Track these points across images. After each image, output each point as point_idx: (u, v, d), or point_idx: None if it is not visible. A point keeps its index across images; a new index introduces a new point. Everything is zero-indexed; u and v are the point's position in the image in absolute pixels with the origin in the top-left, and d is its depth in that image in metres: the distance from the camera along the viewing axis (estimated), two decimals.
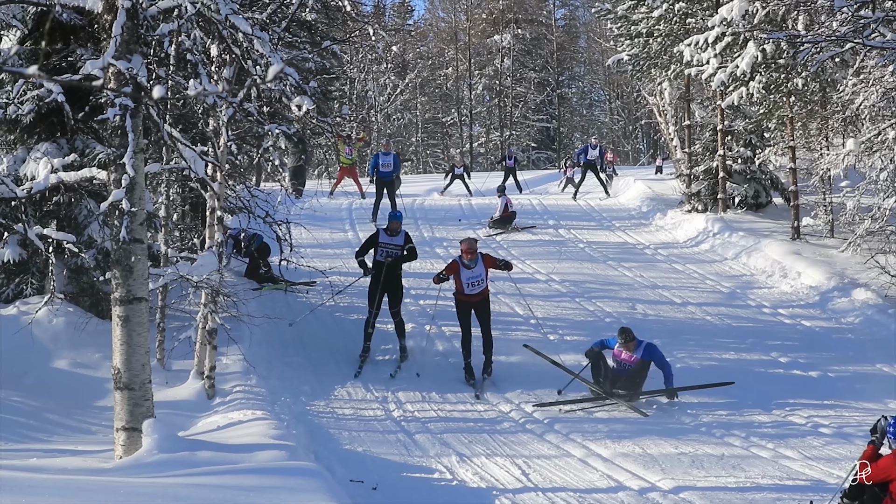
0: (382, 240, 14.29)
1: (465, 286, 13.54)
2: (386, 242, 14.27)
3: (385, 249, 14.21)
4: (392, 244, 14.27)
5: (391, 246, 14.28)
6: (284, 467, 7.84)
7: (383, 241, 14.27)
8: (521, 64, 60.27)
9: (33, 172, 12.41)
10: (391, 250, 14.25)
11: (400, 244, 14.28)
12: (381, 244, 14.24)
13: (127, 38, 8.25)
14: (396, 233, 14.34)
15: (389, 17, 64.10)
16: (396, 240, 14.32)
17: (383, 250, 14.20)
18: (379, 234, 14.40)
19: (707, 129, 25.66)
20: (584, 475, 9.79)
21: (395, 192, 23.85)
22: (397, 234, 14.33)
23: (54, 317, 12.37)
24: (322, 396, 12.44)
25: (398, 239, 14.34)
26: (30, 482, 6.56)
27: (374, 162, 23.85)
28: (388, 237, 14.30)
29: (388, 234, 14.33)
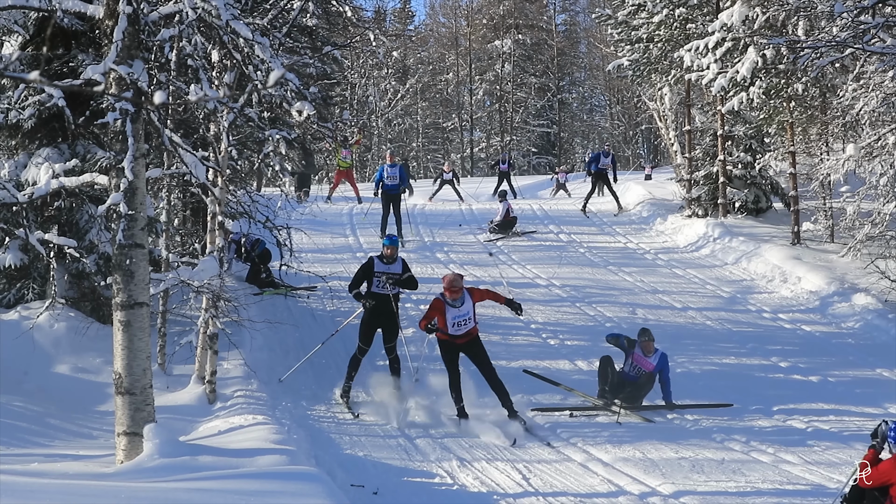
0: (378, 268, 12.80)
1: (449, 326, 11.88)
2: (382, 271, 12.78)
3: (381, 279, 12.77)
4: (389, 273, 12.81)
5: (387, 276, 12.82)
6: (285, 472, 7.84)
7: (379, 269, 12.78)
8: (522, 69, 60.34)
9: (34, 177, 12.43)
10: (387, 280, 12.83)
11: (397, 273, 12.85)
12: (377, 274, 12.75)
13: (128, 43, 8.27)
14: (393, 260, 12.86)
15: (390, 23, 64.23)
16: (393, 268, 12.86)
17: (379, 280, 12.75)
18: (373, 263, 12.89)
19: (707, 134, 25.68)
20: (584, 480, 9.79)
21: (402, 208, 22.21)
22: (394, 262, 12.86)
23: (55, 322, 12.38)
24: (323, 401, 12.45)
25: (395, 267, 12.88)
26: (31, 487, 6.57)
27: (379, 175, 22.14)
28: (384, 265, 12.81)
29: (384, 261, 12.83)
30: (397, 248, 13.02)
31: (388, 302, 12.76)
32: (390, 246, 12.90)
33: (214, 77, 11.18)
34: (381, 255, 12.90)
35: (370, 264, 12.87)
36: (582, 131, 67.47)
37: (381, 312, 12.72)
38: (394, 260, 12.84)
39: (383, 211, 21.83)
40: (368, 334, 12.71)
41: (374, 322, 12.73)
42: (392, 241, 13.03)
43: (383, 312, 12.74)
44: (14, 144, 13.47)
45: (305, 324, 15.40)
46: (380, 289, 12.73)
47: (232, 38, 9.33)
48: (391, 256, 12.83)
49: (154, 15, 8.97)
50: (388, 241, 13.07)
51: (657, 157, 62.13)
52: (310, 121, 12.96)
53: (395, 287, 12.80)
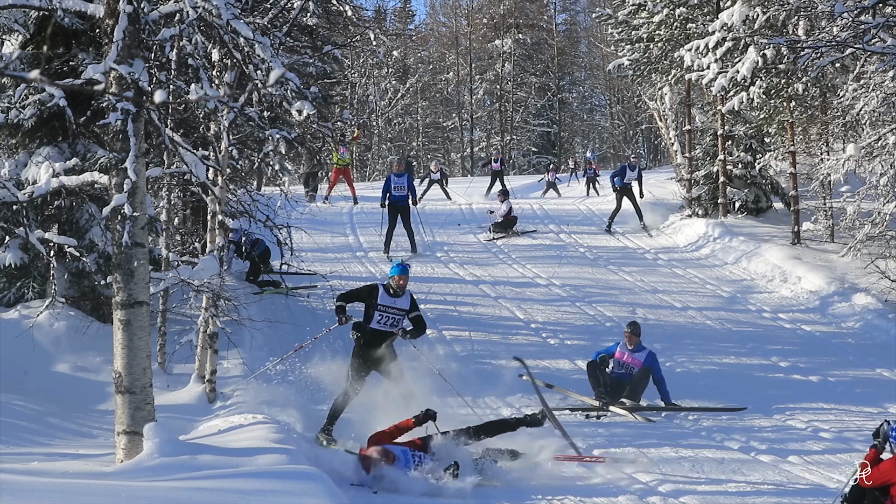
0: (383, 301, 10.79)
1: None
2: (387, 305, 10.81)
3: (385, 314, 10.82)
4: (394, 308, 10.85)
5: (392, 311, 10.85)
6: (285, 471, 7.84)
7: (384, 302, 10.80)
8: (522, 69, 60.32)
9: (35, 176, 12.44)
10: (392, 317, 10.87)
11: (404, 309, 10.90)
12: (381, 307, 10.78)
13: (128, 42, 8.27)
14: (402, 292, 10.88)
15: (390, 22, 64.21)
16: (400, 302, 10.88)
17: (383, 315, 10.80)
18: (378, 293, 10.85)
19: (707, 133, 25.69)
20: (584, 478, 9.78)
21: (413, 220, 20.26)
22: (402, 295, 10.88)
23: (55, 321, 12.39)
24: (323, 400, 12.42)
25: (403, 301, 10.89)
26: (31, 486, 6.57)
27: (385, 186, 20.16)
28: (390, 298, 10.82)
29: (391, 293, 10.84)
30: (408, 278, 11.02)
31: (387, 340, 10.90)
32: (401, 276, 10.86)
33: (215, 76, 11.19)
34: (388, 286, 10.88)
35: (374, 292, 10.88)
36: (582, 131, 67.47)
37: (378, 354, 10.84)
38: (403, 292, 10.89)
39: (388, 224, 19.94)
40: (360, 377, 10.85)
41: (368, 363, 10.86)
42: (403, 269, 10.97)
43: (381, 351, 10.84)
44: (14, 143, 13.47)
45: (305, 323, 15.38)
46: (381, 325, 10.82)
47: (232, 37, 9.33)
48: (401, 288, 10.87)
49: (154, 14, 8.97)
50: (398, 269, 10.98)
51: (657, 156, 62.16)
52: (310, 120, 12.97)
53: (398, 325, 10.93)
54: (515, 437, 10.08)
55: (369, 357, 10.84)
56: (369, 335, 10.78)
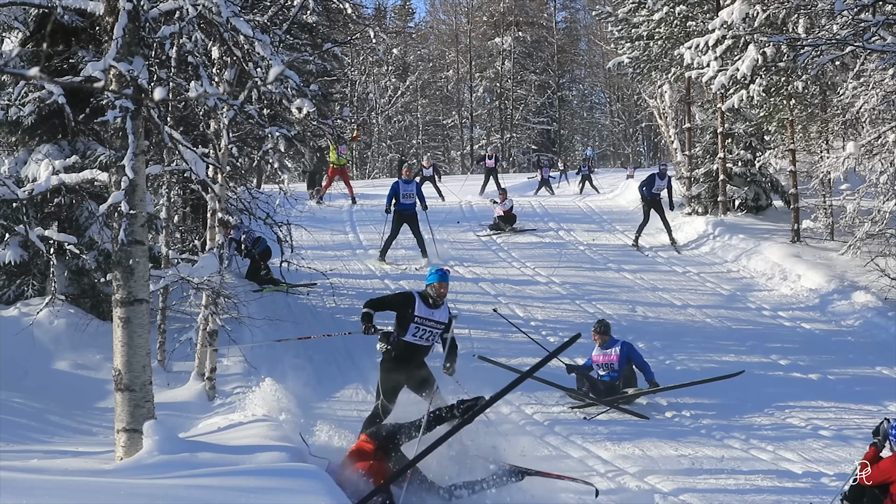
0: (421, 312, 9.72)
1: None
2: (425, 317, 9.74)
3: (423, 328, 9.75)
4: (432, 321, 9.79)
5: (431, 324, 9.79)
6: (285, 469, 7.83)
7: (421, 314, 9.72)
8: (522, 66, 60.38)
9: (34, 174, 12.43)
10: (429, 330, 9.80)
11: (443, 322, 9.84)
12: (419, 319, 9.72)
13: (128, 40, 8.26)
14: (441, 302, 9.82)
15: (390, 20, 64.29)
16: (439, 314, 9.82)
17: (419, 328, 9.73)
18: (415, 303, 9.73)
19: (707, 131, 25.71)
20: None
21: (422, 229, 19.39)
22: (440, 306, 9.83)
23: (55, 318, 12.38)
24: (323, 398, 12.44)
25: (441, 313, 9.84)
26: (30, 483, 6.56)
27: (392, 191, 19.19)
28: (428, 309, 9.75)
29: (429, 303, 9.76)
30: (448, 287, 9.95)
31: (422, 355, 9.94)
32: (441, 283, 9.79)
33: (214, 74, 11.18)
34: (426, 295, 9.82)
35: (410, 302, 9.76)
36: (582, 129, 67.56)
37: (412, 367, 9.87)
38: (441, 303, 9.84)
39: (392, 231, 19.02)
40: (395, 392, 9.85)
41: (400, 380, 9.87)
42: (443, 276, 9.87)
43: (414, 368, 9.88)
44: (14, 141, 13.47)
45: (305, 321, 15.40)
46: (417, 338, 9.78)
47: (232, 34, 9.33)
48: (441, 297, 9.81)
49: (154, 11, 8.96)
50: (438, 275, 9.87)
51: (657, 154, 62.18)
52: (310, 118, 12.96)
53: (435, 340, 9.91)
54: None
55: (402, 373, 9.79)
56: (402, 349, 9.74)
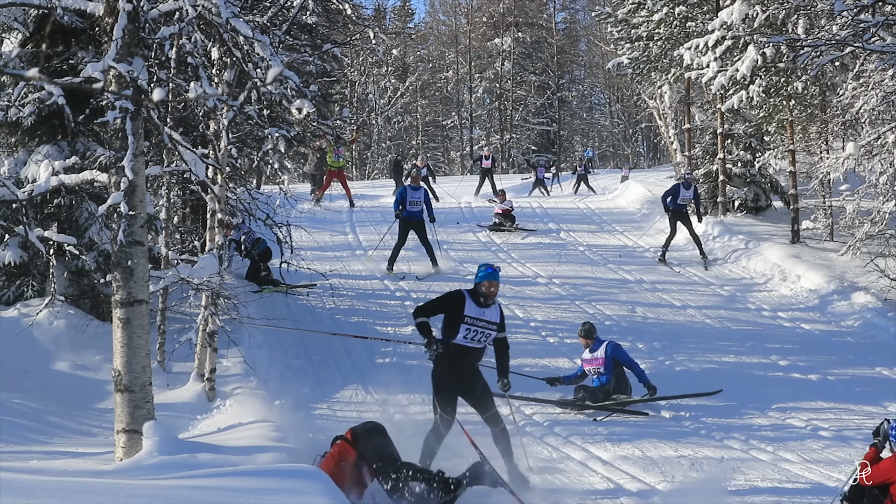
0: (471, 311, 9.20)
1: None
2: (476, 317, 9.21)
3: (474, 329, 9.20)
4: (483, 321, 9.25)
5: (482, 324, 9.24)
6: (284, 469, 7.83)
7: (472, 314, 9.20)
8: (522, 67, 60.40)
9: (34, 175, 12.43)
10: (481, 331, 9.24)
11: (495, 322, 9.31)
12: (469, 320, 9.18)
13: (128, 40, 8.27)
14: (492, 301, 9.31)
15: (390, 21, 64.28)
16: (490, 314, 9.30)
17: (470, 329, 9.18)
18: (465, 302, 9.22)
19: (707, 132, 25.73)
20: (583, 478, 9.79)
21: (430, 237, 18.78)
22: (492, 305, 9.32)
23: (55, 319, 12.38)
24: (323, 399, 12.45)
25: (492, 313, 9.32)
26: (30, 484, 6.56)
27: (399, 198, 18.70)
28: (478, 308, 9.23)
29: (479, 302, 9.26)
30: (499, 286, 9.44)
31: (475, 359, 9.40)
32: (491, 281, 9.28)
33: (214, 75, 11.18)
34: (476, 294, 9.30)
35: (460, 302, 9.25)
36: (582, 129, 67.59)
37: (466, 373, 9.33)
38: (493, 302, 9.34)
39: (398, 239, 18.53)
40: (451, 402, 9.29)
41: (455, 383, 9.33)
42: (493, 274, 9.34)
43: (468, 373, 9.36)
44: (14, 141, 13.48)
45: (305, 321, 15.40)
46: (468, 341, 9.23)
47: (232, 35, 9.34)
48: (491, 296, 9.30)
49: (154, 12, 8.97)
50: (487, 273, 9.34)
51: (657, 155, 62.21)
52: (309, 118, 12.97)
53: (488, 341, 9.37)
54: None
55: (455, 379, 9.29)
56: (453, 353, 9.16)
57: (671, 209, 20.36)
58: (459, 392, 9.34)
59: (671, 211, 20.38)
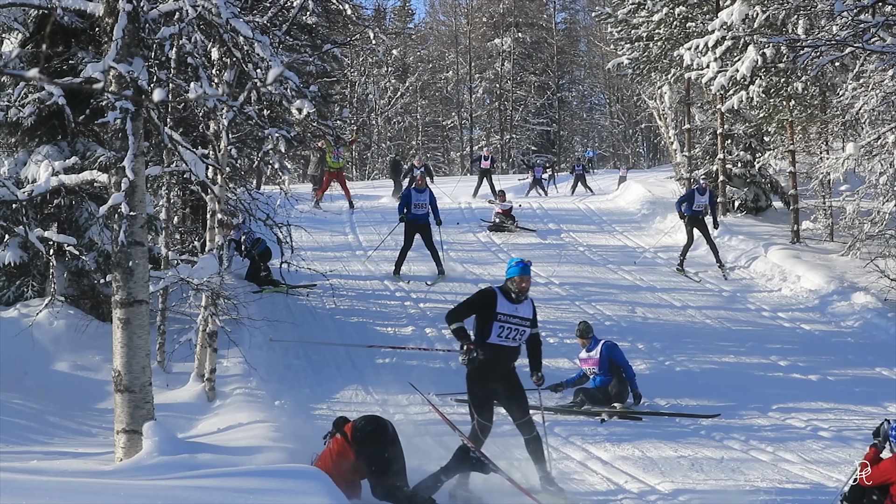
0: (503, 308, 8.93)
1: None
2: (508, 314, 8.94)
3: (507, 326, 8.91)
4: (516, 318, 8.96)
5: (515, 321, 8.96)
6: (285, 469, 7.83)
7: (505, 310, 8.93)
8: (522, 67, 60.40)
9: (34, 175, 12.43)
10: (514, 328, 8.96)
11: (528, 318, 9.06)
12: (502, 317, 8.91)
13: (128, 41, 8.27)
14: (524, 297, 9.05)
15: (390, 21, 64.29)
16: (523, 310, 9.03)
17: (504, 327, 8.90)
18: (496, 299, 8.95)
19: (707, 132, 25.73)
20: (583, 478, 9.78)
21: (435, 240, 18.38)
22: (524, 301, 9.06)
23: (55, 319, 12.38)
24: (323, 399, 12.44)
25: (525, 308, 9.06)
26: (30, 484, 6.56)
27: (404, 200, 18.33)
28: (511, 305, 8.96)
29: (511, 298, 8.99)
30: (531, 281, 9.24)
31: (511, 359, 9.10)
32: (522, 276, 9.04)
33: (214, 75, 11.18)
34: (507, 290, 9.04)
35: (492, 299, 8.96)
36: (581, 129, 67.59)
37: (501, 374, 9.03)
38: (525, 297, 9.10)
39: (404, 243, 18.12)
40: (488, 405, 9.01)
41: (491, 387, 9.00)
42: (524, 268, 9.09)
43: (504, 374, 9.05)
44: (14, 142, 13.47)
45: (305, 322, 15.40)
46: (502, 339, 8.93)
47: (232, 35, 9.33)
48: (523, 292, 9.06)
49: (154, 13, 8.96)
50: (519, 268, 9.08)
51: (657, 155, 62.22)
52: (309, 119, 12.96)
53: (522, 339, 9.09)
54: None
55: (491, 381, 8.95)
56: (488, 353, 8.83)
57: (687, 215, 19.72)
58: (496, 395, 9.05)
59: (687, 218, 19.74)
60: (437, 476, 8.63)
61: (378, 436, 8.36)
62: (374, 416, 8.74)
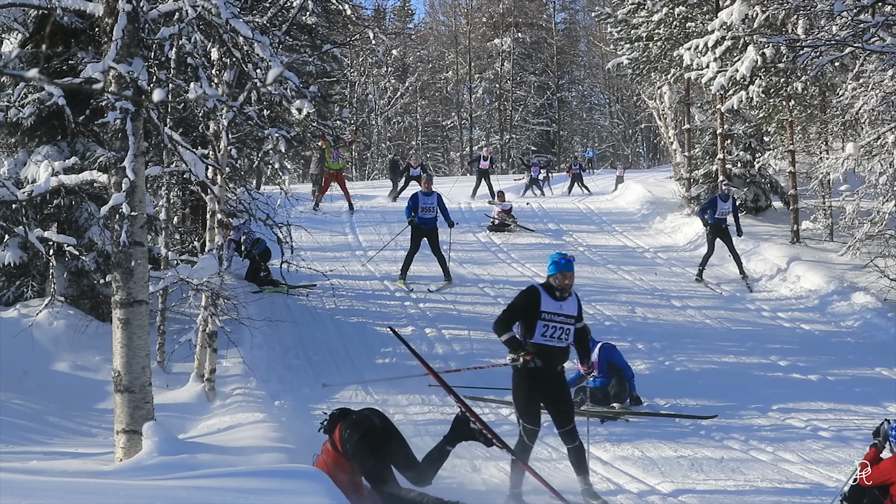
0: (547, 306, 8.69)
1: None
2: (553, 312, 8.68)
3: (552, 325, 8.66)
4: (561, 315, 8.71)
5: (560, 318, 8.70)
6: (284, 470, 7.83)
7: (549, 308, 8.69)
8: (521, 67, 60.41)
9: (34, 175, 12.43)
10: (560, 327, 8.69)
11: (573, 315, 8.80)
12: (546, 315, 8.67)
13: (128, 41, 8.27)
14: (568, 293, 8.82)
15: (390, 21, 64.32)
16: (567, 307, 8.78)
17: (548, 326, 8.66)
18: (540, 297, 8.70)
19: (707, 132, 25.73)
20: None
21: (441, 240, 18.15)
22: (568, 297, 8.83)
23: (55, 319, 12.38)
24: (323, 399, 12.43)
25: (570, 305, 8.81)
26: (30, 484, 6.56)
27: (411, 204, 17.91)
28: (555, 302, 8.73)
29: (555, 296, 8.75)
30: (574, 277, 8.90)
31: (558, 361, 8.81)
32: (565, 273, 8.75)
33: (214, 75, 11.19)
34: (550, 287, 8.77)
35: (535, 298, 8.69)
36: (581, 130, 67.61)
37: (548, 377, 8.73)
38: (569, 294, 8.83)
39: (410, 247, 17.84)
40: (533, 409, 8.78)
41: (537, 390, 8.75)
42: (568, 265, 8.80)
43: (551, 377, 8.76)
44: (14, 142, 13.48)
45: (305, 322, 15.40)
46: (547, 339, 8.67)
47: (231, 36, 9.34)
48: (566, 289, 8.77)
49: (154, 13, 8.97)
50: (561, 264, 8.78)
51: (657, 155, 62.23)
52: (309, 119, 12.96)
53: (569, 338, 8.82)
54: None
55: (538, 384, 8.66)
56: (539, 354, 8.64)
57: (710, 223, 19.06)
58: (542, 398, 8.76)
59: (710, 226, 19.07)
60: (442, 447, 8.48)
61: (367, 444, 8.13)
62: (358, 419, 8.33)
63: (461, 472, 9.89)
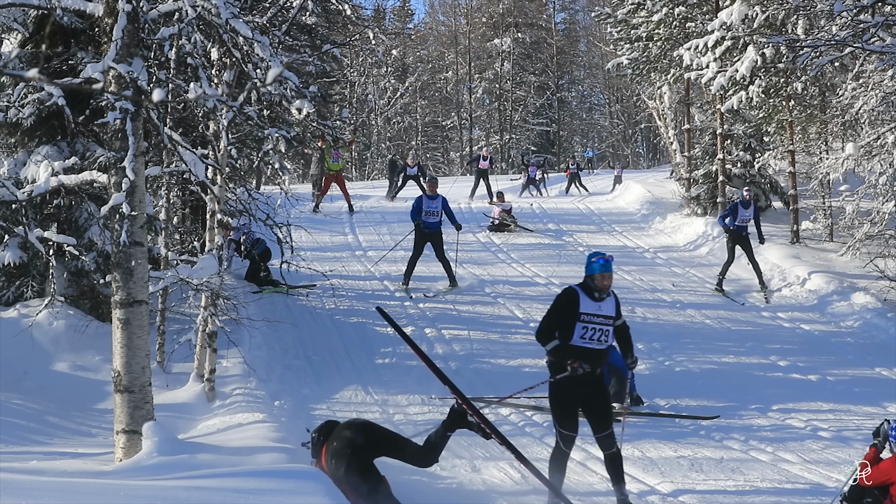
0: (586, 308, 8.43)
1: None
2: (591, 313, 8.44)
3: (590, 326, 8.42)
4: (600, 316, 8.46)
5: (599, 320, 8.45)
6: (284, 470, 7.83)
7: (588, 310, 8.44)
8: (521, 67, 60.40)
9: (34, 175, 12.44)
10: (598, 328, 8.45)
11: (611, 316, 8.55)
12: (585, 317, 8.42)
13: (127, 41, 8.27)
14: (606, 294, 8.54)
15: (389, 21, 64.34)
16: (606, 307, 8.53)
17: (587, 328, 8.42)
18: (579, 298, 8.44)
19: (707, 132, 25.73)
20: (583, 478, 9.78)
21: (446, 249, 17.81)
22: (605, 298, 8.55)
23: (55, 319, 12.38)
24: (322, 399, 12.44)
25: (608, 306, 8.56)
26: (30, 484, 6.56)
27: (415, 207, 17.63)
28: (594, 303, 8.47)
29: (594, 297, 8.50)
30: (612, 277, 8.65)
31: (597, 363, 8.55)
32: (604, 273, 8.48)
33: (214, 75, 11.18)
34: (588, 288, 8.51)
35: (573, 299, 8.43)
36: (581, 130, 67.62)
37: (587, 380, 8.41)
38: (607, 295, 8.56)
39: (414, 251, 17.55)
40: (572, 415, 8.54)
41: (576, 397, 8.49)
42: (606, 265, 8.54)
43: (589, 381, 8.45)
44: (13, 142, 13.48)
45: (304, 322, 15.40)
46: (586, 341, 8.41)
47: (231, 36, 9.34)
48: (605, 290, 8.50)
49: (154, 13, 8.97)
50: (600, 264, 8.51)
51: (656, 155, 62.24)
52: (309, 119, 12.96)
53: (608, 339, 8.57)
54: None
55: (576, 388, 8.41)
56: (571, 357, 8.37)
57: (732, 230, 18.38)
58: (580, 403, 8.51)
59: (730, 233, 18.44)
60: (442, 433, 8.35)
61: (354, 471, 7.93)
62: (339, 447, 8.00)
63: (461, 472, 9.89)
